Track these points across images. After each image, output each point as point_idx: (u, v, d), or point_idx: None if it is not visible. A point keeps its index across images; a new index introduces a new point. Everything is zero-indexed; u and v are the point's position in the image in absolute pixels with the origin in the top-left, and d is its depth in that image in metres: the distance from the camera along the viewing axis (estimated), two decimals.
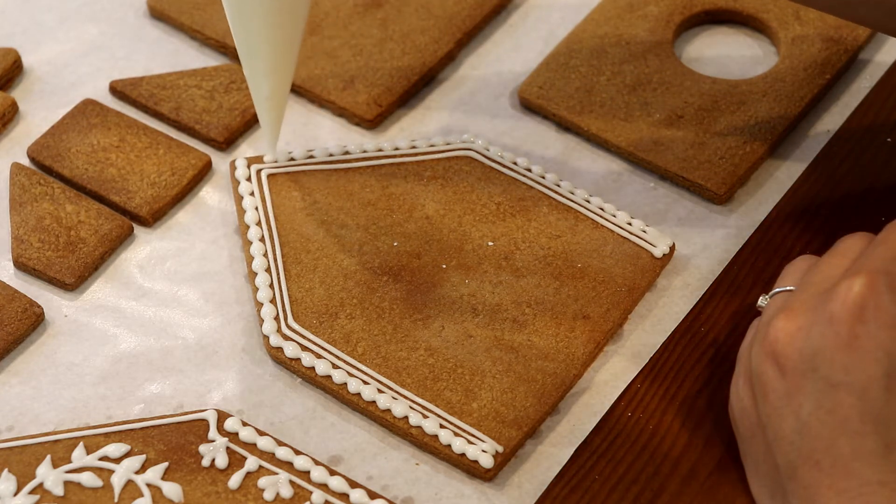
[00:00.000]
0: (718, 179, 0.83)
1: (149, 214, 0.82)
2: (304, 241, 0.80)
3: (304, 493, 0.71)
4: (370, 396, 0.74)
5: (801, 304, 0.67)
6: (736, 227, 0.82)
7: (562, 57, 0.89)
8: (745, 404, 0.69)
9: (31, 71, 0.89)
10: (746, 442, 0.70)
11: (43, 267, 0.79)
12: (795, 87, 0.87)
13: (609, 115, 0.86)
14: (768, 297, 0.72)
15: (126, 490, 0.71)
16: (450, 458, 0.73)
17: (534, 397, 0.74)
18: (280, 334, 0.76)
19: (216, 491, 0.71)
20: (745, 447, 0.71)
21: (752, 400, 0.69)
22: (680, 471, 0.72)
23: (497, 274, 0.79)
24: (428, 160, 0.84)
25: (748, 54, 0.90)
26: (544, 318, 0.77)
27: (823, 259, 0.70)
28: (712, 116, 0.86)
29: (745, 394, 0.69)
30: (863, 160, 0.85)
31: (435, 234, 0.80)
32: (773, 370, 0.67)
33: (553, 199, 0.82)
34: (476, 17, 0.91)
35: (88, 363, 0.77)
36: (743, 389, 0.70)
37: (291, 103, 0.88)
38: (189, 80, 0.88)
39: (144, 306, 0.79)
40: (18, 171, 0.83)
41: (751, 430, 0.69)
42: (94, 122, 0.85)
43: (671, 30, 0.90)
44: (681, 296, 0.80)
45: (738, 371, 0.71)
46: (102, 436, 0.73)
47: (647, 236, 0.80)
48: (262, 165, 0.83)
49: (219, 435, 0.73)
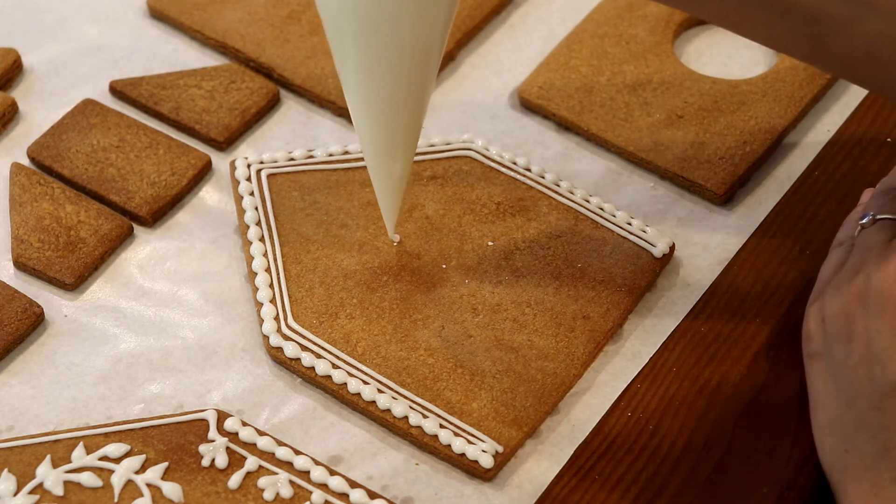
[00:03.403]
0: (718, 179, 0.83)
1: (149, 214, 0.82)
2: (304, 241, 0.80)
3: (304, 493, 0.71)
4: (370, 396, 0.74)
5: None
6: (736, 227, 0.82)
7: (562, 57, 0.89)
8: (849, 309, 0.71)
9: (31, 71, 0.89)
10: (835, 347, 0.71)
11: (43, 267, 0.79)
12: (795, 87, 0.87)
13: (609, 115, 0.86)
14: (872, 215, 0.74)
15: (126, 490, 0.71)
16: (450, 458, 0.73)
17: (534, 397, 0.74)
18: (280, 334, 0.76)
19: (216, 491, 0.71)
20: (828, 354, 0.72)
21: (861, 311, 0.70)
22: (680, 471, 0.72)
23: (497, 274, 0.79)
24: (428, 160, 0.84)
25: (748, 54, 0.90)
26: (544, 318, 0.77)
27: None
28: (712, 116, 0.86)
29: (854, 305, 0.71)
30: (863, 160, 0.85)
31: (435, 234, 0.80)
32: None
33: (553, 199, 0.82)
34: (476, 17, 0.91)
35: (88, 363, 0.77)
36: (850, 297, 0.71)
37: (291, 103, 0.88)
38: (189, 80, 0.88)
39: (144, 306, 0.79)
40: (18, 171, 0.83)
41: (846, 337, 0.71)
42: (94, 122, 0.85)
43: (671, 30, 0.90)
44: (681, 296, 0.80)
45: (843, 278, 0.73)
46: (102, 436, 0.73)
47: (646, 236, 0.80)
48: (262, 165, 0.83)
49: (219, 435, 0.73)
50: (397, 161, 0.74)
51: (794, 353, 0.75)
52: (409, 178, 0.76)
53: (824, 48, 0.70)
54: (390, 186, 0.75)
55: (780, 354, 0.76)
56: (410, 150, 0.74)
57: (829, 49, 0.70)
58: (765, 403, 0.75)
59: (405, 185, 0.76)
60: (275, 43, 0.89)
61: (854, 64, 0.71)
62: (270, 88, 0.87)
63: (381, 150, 0.74)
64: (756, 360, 0.76)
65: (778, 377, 0.76)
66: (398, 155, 0.74)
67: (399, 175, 0.75)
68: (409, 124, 0.73)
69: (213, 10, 0.91)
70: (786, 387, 0.75)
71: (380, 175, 0.75)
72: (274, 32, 0.90)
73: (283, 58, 0.88)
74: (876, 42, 0.69)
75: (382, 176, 0.75)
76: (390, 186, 0.75)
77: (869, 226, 0.74)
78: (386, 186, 0.75)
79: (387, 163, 0.74)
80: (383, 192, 0.76)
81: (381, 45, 0.69)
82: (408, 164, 0.74)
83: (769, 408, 0.74)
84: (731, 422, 0.74)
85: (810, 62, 0.74)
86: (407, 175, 0.75)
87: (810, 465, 0.72)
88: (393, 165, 0.74)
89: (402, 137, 0.73)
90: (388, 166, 0.74)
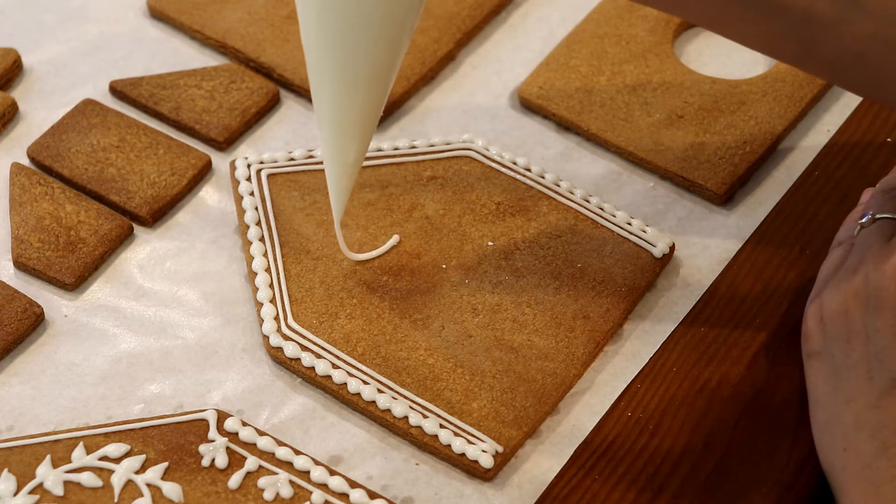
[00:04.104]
0: (718, 179, 0.83)
1: (149, 214, 0.82)
2: (304, 241, 0.80)
3: (304, 493, 0.71)
4: (370, 396, 0.74)
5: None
6: (736, 227, 0.82)
7: (562, 57, 0.89)
8: (848, 307, 0.71)
9: (31, 71, 0.89)
10: (834, 346, 0.72)
11: (43, 267, 0.79)
12: (795, 87, 0.87)
13: (609, 115, 0.86)
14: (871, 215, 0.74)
15: (126, 490, 0.71)
16: (450, 458, 0.73)
17: (534, 397, 0.74)
18: (280, 334, 0.76)
19: (216, 491, 0.71)
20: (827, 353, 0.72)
21: (860, 310, 0.71)
22: (680, 471, 0.72)
23: (497, 274, 0.79)
24: (428, 160, 0.84)
25: (748, 54, 0.90)
26: (544, 318, 0.77)
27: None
28: (712, 116, 0.86)
29: (853, 304, 0.71)
30: (863, 160, 0.85)
31: (435, 234, 0.80)
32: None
33: (553, 199, 0.82)
34: (476, 17, 0.91)
35: (88, 363, 0.77)
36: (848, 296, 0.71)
37: (291, 103, 0.88)
38: (189, 80, 0.88)
39: (144, 306, 0.79)
40: (18, 171, 0.83)
41: (845, 335, 0.71)
42: (94, 122, 0.85)
43: (671, 30, 0.90)
44: (681, 296, 0.80)
45: (842, 276, 0.73)
46: (102, 436, 0.73)
47: (646, 236, 0.80)
48: (262, 165, 0.83)
49: (219, 435, 0.73)
50: (352, 145, 0.73)
51: (794, 353, 0.76)
52: (358, 168, 0.74)
53: (813, 51, 0.69)
54: (342, 171, 0.74)
55: (780, 354, 0.76)
56: (367, 136, 0.73)
57: (818, 51, 0.69)
58: (765, 403, 0.75)
59: (356, 173, 0.74)
60: (275, 43, 0.89)
61: (843, 67, 0.70)
62: (270, 88, 0.87)
63: (336, 131, 0.72)
64: (756, 360, 0.76)
65: (778, 377, 0.76)
66: (355, 137, 0.72)
67: (353, 160, 0.73)
68: (367, 108, 0.72)
69: (213, 10, 0.91)
70: (786, 387, 0.75)
71: (332, 158, 0.74)
72: (274, 32, 0.90)
73: (283, 58, 0.88)
74: (866, 44, 0.68)
75: (335, 159, 0.73)
76: (342, 171, 0.74)
77: (868, 225, 0.74)
78: (338, 170, 0.74)
79: (341, 145, 0.73)
80: (334, 176, 0.74)
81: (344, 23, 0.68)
82: (363, 149, 0.73)
83: (769, 408, 0.75)
84: (731, 422, 0.74)
85: (798, 65, 0.72)
86: (360, 162, 0.74)
87: (810, 465, 0.72)
88: (348, 149, 0.73)
89: (360, 120, 0.72)
90: (342, 149, 0.73)
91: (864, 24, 0.67)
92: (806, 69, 0.73)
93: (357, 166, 0.74)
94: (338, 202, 0.76)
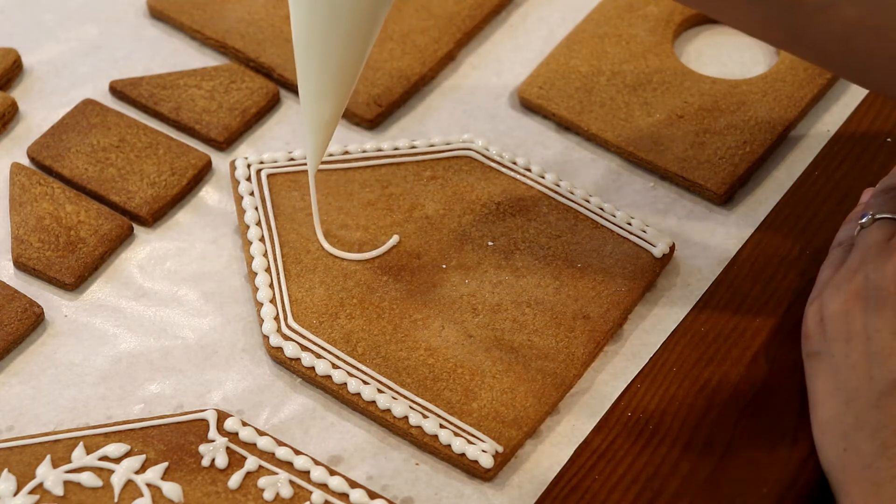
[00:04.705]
0: (718, 179, 0.83)
1: (149, 214, 0.82)
2: (304, 241, 0.80)
3: (304, 493, 0.71)
4: (370, 396, 0.74)
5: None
6: (736, 227, 0.82)
7: (562, 57, 0.89)
8: (848, 308, 0.72)
9: (31, 71, 0.89)
10: (834, 346, 0.72)
11: (43, 267, 0.79)
12: (795, 87, 0.87)
13: (609, 115, 0.86)
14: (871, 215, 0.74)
15: (126, 490, 0.71)
16: (450, 458, 0.73)
17: (534, 397, 0.74)
18: (280, 334, 0.76)
19: (216, 491, 0.71)
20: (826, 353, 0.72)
21: (860, 310, 0.71)
22: (680, 471, 0.72)
23: (497, 274, 0.79)
24: (428, 160, 0.84)
25: (748, 54, 0.90)
26: (544, 318, 0.77)
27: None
28: (712, 116, 0.86)
29: (853, 304, 0.71)
30: (863, 160, 0.85)
31: (435, 234, 0.80)
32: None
33: (553, 199, 0.82)
34: (476, 17, 0.91)
35: (88, 363, 0.77)
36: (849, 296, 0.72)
37: (291, 103, 0.88)
38: (189, 80, 0.88)
39: (144, 306, 0.79)
40: (18, 171, 0.83)
41: (845, 335, 0.71)
42: (94, 122, 0.85)
43: (671, 30, 0.90)
44: (681, 296, 0.80)
45: (842, 276, 0.73)
46: (102, 436, 0.73)
47: (646, 236, 0.80)
48: (262, 165, 0.83)
49: (219, 435, 0.73)
50: (327, 101, 0.73)
51: (794, 353, 0.76)
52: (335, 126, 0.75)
53: (800, 35, 0.70)
54: (317, 127, 0.75)
55: (780, 354, 0.76)
56: (342, 94, 0.73)
57: (805, 36, 0.70)
58: (765, 403, 0.75)
59: (332, 131, 0.75)
60: (275, 43, 0.89)
61: (830, 52, 0.70)
62: (270, 88, 0.87)
63: (313, 87, 0.73)
64: (756, 360, 0.76)
65: (778, 377, 0.76)
66: (328, 94, 0.73)
67: (328, 118, 0.74)
68: (343, 65, 0.72)
69: (213, 10, 0.91)
70: (786, 387, 0.75)
71: (308, 113, 0.74)
72: (274, 32, 0.90)
73: (283, 58, 0.88)
74: (850, 29, 0.68)
75: (311, 114, 0.74)
76: (317, 127, 0.75)
77: (868, 225, 0.74)
78: (313, 126, 0.75)
79: (317, 101, 0.74)
80: (309, 132, 0.75)
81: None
82: (338, 108, 0.74)
83: (769, 408, 0.74)
84: (731, 422, 0.74)
85: (788, 49, 0.74)
86: (336, 121, 0.74)
87: (810, 465, 0.72)
88: (323, 106, 0.74)
89: (335, 77, 0.72)
90: (318, 105, 0.74)
91: (850, 9, 0.68)
92: (795, 53, 0.74)
93: (331, 126, 0.75)
94: (312, 160, 0.76)
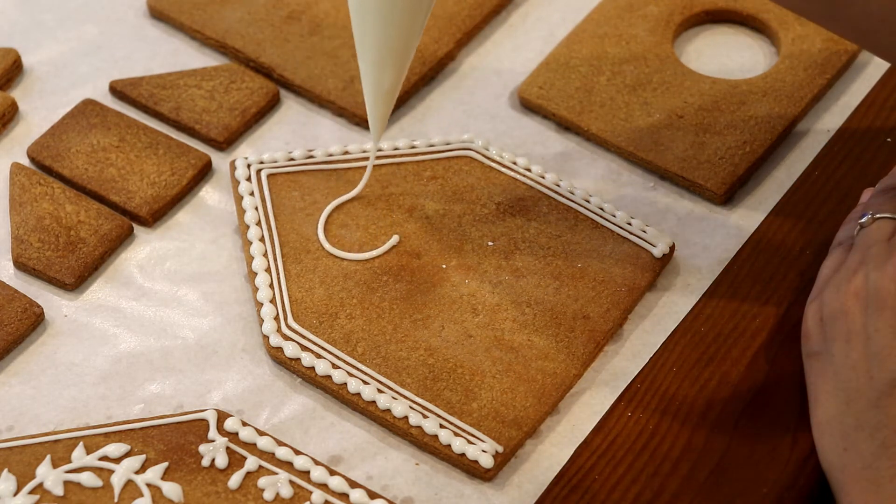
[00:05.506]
0: (718, 179, 0.83)
1: (149, 214, 0.82)
2: (304, 241, 0.80)
3: (304, 493, 0.71)
4: (370, 396, 0.74)
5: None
6: (736, 227, 0.82)
7: (562, 57, 0.89)
8: (848, 307, 0.72)
9: (31, 71, 0.89)
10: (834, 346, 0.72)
11: (43, 267, 0.79)
12: (795, 87, 0.87)
13: (609, 115, 0.86)
14: (871, 215, 0.74)
15: (126, 490, 0.71)
16: (450, 458, 0.73)
17: (534, 397, 0.74)
18: (280, 334, 0.76)
19: (216, 491, 0.71)
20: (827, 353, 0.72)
21: (860, 309, 0.71)
22: (680, 471, 0.72)
23: (497, 274, 0.79)
24: (428, 160, 0.84)
25: (748, 54, 0.90)
26: (544, 318, 0.77)
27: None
28: (712, 116, 0.86)
29: (852, 303, 0.72)
30: (863, 160, 0.85)
31: (435, 234, 0.80)
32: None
33: (553, 199, 0.82)
34: (476, 17, 0.91)
35: (88, 363, 0.77)
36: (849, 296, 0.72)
37: (291, 103, 0.88)
38: (189, 80, 0.88)
39: (144, 306, 0.79)
40: (18, 171, 0.83)
41: (845, 335, 0.71)
42: (94, 122, 0.85)
43: (671, 30, 0.90)
44: (681, 296, 0.80)
45: (842, 276, 0.73)
46: (102, 436, 0.73)
47: (646, 236, 0.80)
48: (262, 165, 0.83)
49: (219, 435, 0.73)
50: (387, 71, 0.75)
51: (794, 353, 0.76)
52: (396, 96, 0.77)
53: (840, 12, 0.71)
54: (378, 97, 0.77)
55: (780, 354, 0.76)
56: (402, 63, 0.76)
57: (845, 13, 0.71)
58: (765, 403, 0.75)
59: (393, 100, 0.77)
60: (275, 43, 0.89)
61: (867, 30, 0.71)
62: (270, 88, 0.87)
63: (373, 57, 0.75)
64: (756, 360, 0.76)
65: (778, 377, 0.76)
66: (388, 64, 0.75)
67: (388, 87, 0.76)
68: (402, 36, 0.74)
69: (213, 10, 0.91)
70: (786, 387, 0.75)
71: (370, 83, 0.76)
72: (274, 32, 0.90)
73: (283, 58, 0.88)
74: (889, 8, 0.69)
75: (372, 84, 0.76)
76: (378, 97, 0.77)
77: (868, 225, 0.74)
78: (374, 97, 0.77)
79: (378, 71, 0.76)
80: (371, 102, 0.77)
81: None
82: (398, 76, 0.76)
83: (769, 408, 0.74)
84: (731, 422, 0.74)
85: (826, 25, 0.74)
86: (397, 89, 0.77)
87: (810, 465, 0.72)
88: (382, 75, 0.76)
89: (395, 47, 0.74)
90: (378, 75, 0.76)
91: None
92: (833, 30, 0.75)
93: (392, 94, 0.77)
94: (375, 129, 0.79)
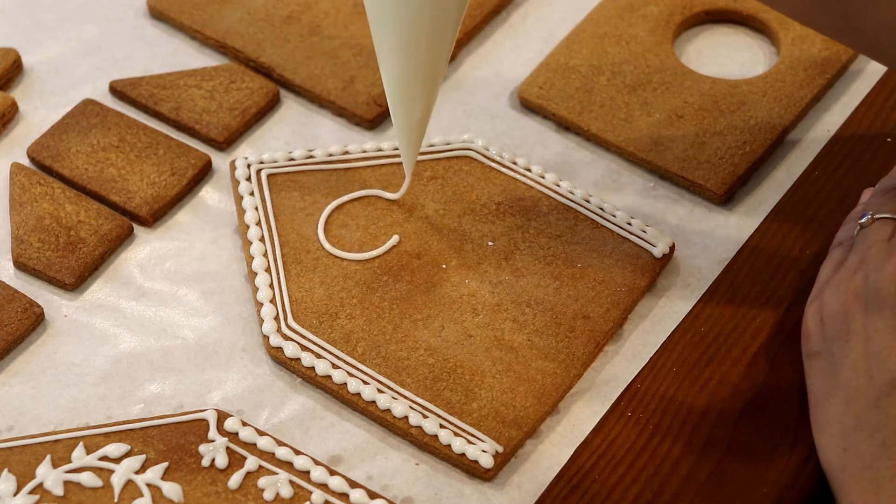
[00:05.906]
0: (718, 179, 0.83)
1: (149, 214, 0.82)
2: (304, 241, 0.80)
3: (304, 493, 0.71)
4: (370, 396, 0.74)
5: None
6: (736, 227, 0.82)
7: (562, 57, 0.89)
8: (848, 307, 0.72)
9: (31, 71, 0.89)
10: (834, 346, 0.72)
11: (43, 267, 0.79)
12: (795, 87, 0.87)
13: (609, 115, 0.86)
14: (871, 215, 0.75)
15: (126, 490, 0.71)
16: (450, 458, 0.73)
17: (534, 397, 0.74)
18: (280, 334, 0.76)
19: (216, 491, 0.71)
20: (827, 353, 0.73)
21: (860, 309, 0.71)
22: (680, 471, 0.72)
23: (497, 274, 0.79)
24: (428, 160, 0.84)
25: (748, 54, 0.90)
26: (544, 318, 0.77)
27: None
28: (712, 116, 0.86)
29: (852, 303, 0.72)
30: (863, 160, 0.85)
31: (435, 234, 0.80)
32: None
33: (553, 199, 0.82)
34: (476, 17, 0.91)
35: (88, 363, 0.77)
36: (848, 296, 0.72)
37: (291, 103, 0.88)
38: (189, 80, 0.88)
39: (144, 306, 0.79)
40: (18, 171, 0.83)
41: (845, 335, 0.71)
42: (94, 122, 0.85)
43: (671, 30, 0.90)
44: (681, 296, 0.80)
45: (842, 276, 0.73)
46: (102, 436, 0.73)
47: (646, 236, 0.80)
48: (262, 165, 0.83)
49: (219, 435, 0.73)
50: (417, 102, 0.76)
51: (794, 352, 0.76)
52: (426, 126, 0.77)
53: (851, 24, 0.71)
54: (409, 127, 0.77)
55: (780, 354, 0.76)
56: (431, 93, 0.76)
57: (856, 25, 0.71)
58: (765, 403, 0.75)
59: (424, 130, 0.77)
60: (275, 43, 0.89)
61: (879, 41, 0.71)
62: (270, 88, 0.87)
63: (402, 89, 0.75)
64: (756, 360, 0.76)
65: (778, 377, 0.76)
66: (418, 96, 0.75)
67: (418, 117, 0.76)
68: (430, 65, 0.74)
69: (213, 10, 0.91)
70: (786, 387, 0.75)
71: (399, 115, 0.77)
72: (274, 32, 0.90)
73: (283, 58, 0.88)
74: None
75: (402, 117, 0.76)
76: (409, 127, 0.77)
77: (868, 225, 0.74)
78: (405, 128, 0.77)
79: (407, 103, 0.76)
80: (402, 133, 0.77)
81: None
82: (428, 107, 0.76)
83: (769, 408, 0.75)
84: (731, 422, 0.74)
85: (837, 37, 0.75)
86: (427, 119, 0.77)
87: (810, 465, 0.72)
88: (413, 106, 0.76)
89: (424, 77, 0.75)
90: (408, 106, 0.76)
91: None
92: (844, 42, 0.75)
93: (423, 124, 0.77)
94: (408, 158, 0.79)
